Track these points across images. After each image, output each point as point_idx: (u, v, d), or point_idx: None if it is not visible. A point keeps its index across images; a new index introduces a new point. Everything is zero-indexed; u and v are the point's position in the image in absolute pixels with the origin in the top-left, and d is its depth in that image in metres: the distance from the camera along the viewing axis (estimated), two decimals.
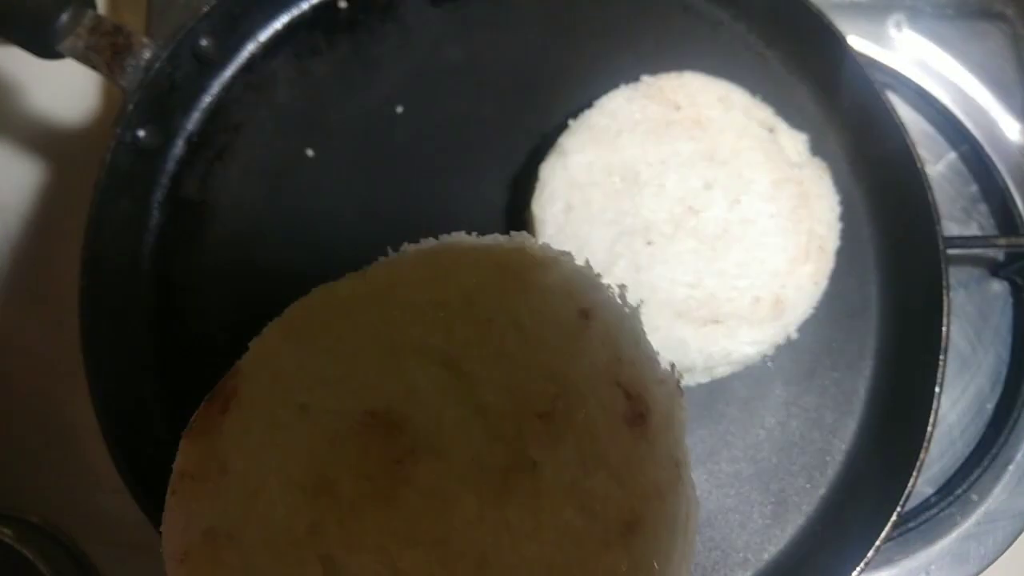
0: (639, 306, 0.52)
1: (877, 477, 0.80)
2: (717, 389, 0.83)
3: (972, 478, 0.91)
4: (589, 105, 0.84)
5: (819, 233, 0.80)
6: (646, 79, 0.85)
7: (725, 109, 0.84)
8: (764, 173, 0.81)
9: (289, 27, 0.92)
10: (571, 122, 0.84)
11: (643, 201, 0.79)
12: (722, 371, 0.81)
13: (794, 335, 0.80)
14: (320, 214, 0.87)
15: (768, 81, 0.91)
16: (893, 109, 0.84)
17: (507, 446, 0.47)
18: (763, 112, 0.85)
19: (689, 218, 0.79)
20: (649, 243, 0.78)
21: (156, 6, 1.02)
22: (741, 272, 0.78)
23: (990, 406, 0.95)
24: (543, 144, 0.85)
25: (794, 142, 0.84)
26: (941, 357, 0.78)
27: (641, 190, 0.80)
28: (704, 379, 0.81)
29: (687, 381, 0.81)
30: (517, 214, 0.86)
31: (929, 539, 0.90)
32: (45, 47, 0.82)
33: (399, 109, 0.90)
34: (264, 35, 0.92)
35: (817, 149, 0.86)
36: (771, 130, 0.84)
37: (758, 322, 0.77)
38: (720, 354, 0.76)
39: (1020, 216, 0.99)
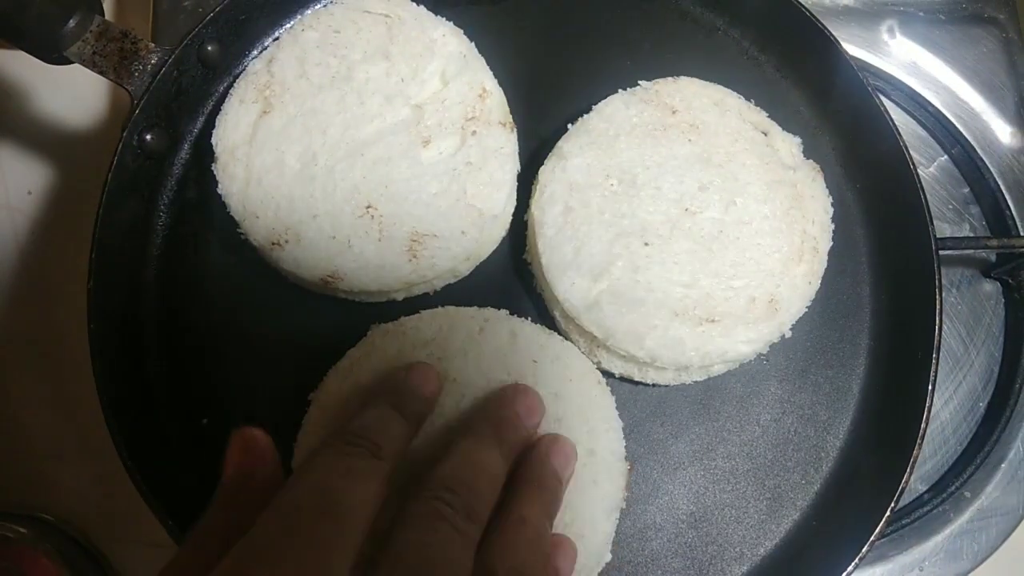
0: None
1: (871, 474, 0.81)
2: (713, 387, 0.84)
3: (965, 476, 0.92)
4: (587, 110, 0.86)
5: (812, 234, 0.82)
6: (643, 84, 0.86)
7: (720, 113, 0.85)
8: (758, 175, 0.82)
9: None
10: (570, 126, 0.85)
11: (640, 203, 0.81)
12: (718, 369, 0.82)
13: (788, 334, 0.81)
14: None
15: (762, 85, 0.93)
16: (886, 112, 0.85)
17: None
18: (757, 116, 0.87)
19: (685, 220, 0.80)
20: (646, 244, 0.79)
21: (162, 12, 1.03)
22: (736, 272, 0.79)
23: (982, 404, 0.96)
24: (542, 148, 0.87)
25: (788, 145, 0.86)
26: (934, 356, 0.79)
27: (638, 192, 0.81)
28: (700, 377, 0.83)
29: (684, 379, 0.82)
30: (517, 216, 0.87)
31: (923, 536, 0.92)
32: (53, 52, 0.83)
33: None
34: (269, 40, 0.93)
35: (811, 152, 0.87)
36: (765, 133, 0.86)
37: (753, 321, 0.78)
38: (716, 353, 0.78)
39: (1012, 217, 1.00)
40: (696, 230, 0.80)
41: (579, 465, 0.73)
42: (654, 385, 0.83)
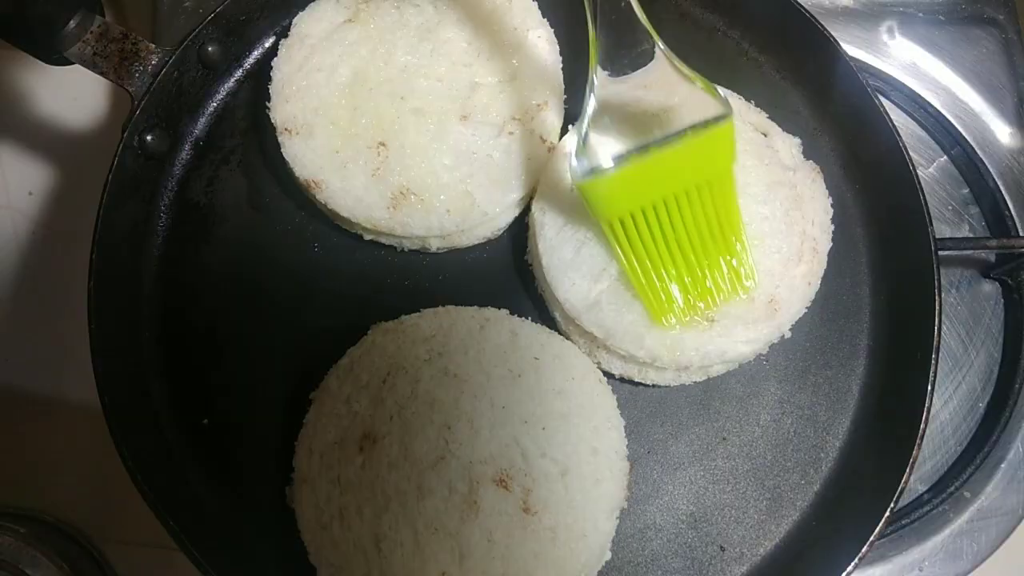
0: None
1: (870, 474, 0.81)
2: (713, 387, 0.84)
3: (965, 476, 0.92)
4: None
5: (812, 235, 0.82)
6: None
7: None
8: (757, 176, 0.82)
9: None
10: (571, 127, 0.85)
11: None
12: (718, 370, 0.82)
13: (788, 334, 0.81)
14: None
15: (762, 86, 0.93)
16: (885, 113, 0.85)
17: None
18: (757, 117, 0.87)
19: None
20: None
21: (162, 13, 1.03)
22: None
23: (982, 405, 0.96)
24: None
25: (788, 146, 0.86)
26: (933, 356, 0.79)
27: None
28: (700, 377, 0.83)
29: (684, 380, 0.82)
30: (519, 216, 0.87)
31: (922, 536, 0.92)
32: (53, 53, 0.83)
33: None
34: (268, 41, 0.93)
35: (811, 152, 0.87)
36: (765, 134, 0.86)
37: (753, 321, 0.78)
38: (716, 352, 0.78)
39: (1011, 218, 1.00)
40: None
41: (583, 464, 0.73)
42: (654, 385, 0.83)
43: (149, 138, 0.84)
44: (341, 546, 0.72)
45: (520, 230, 0.87)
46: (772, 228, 0.81)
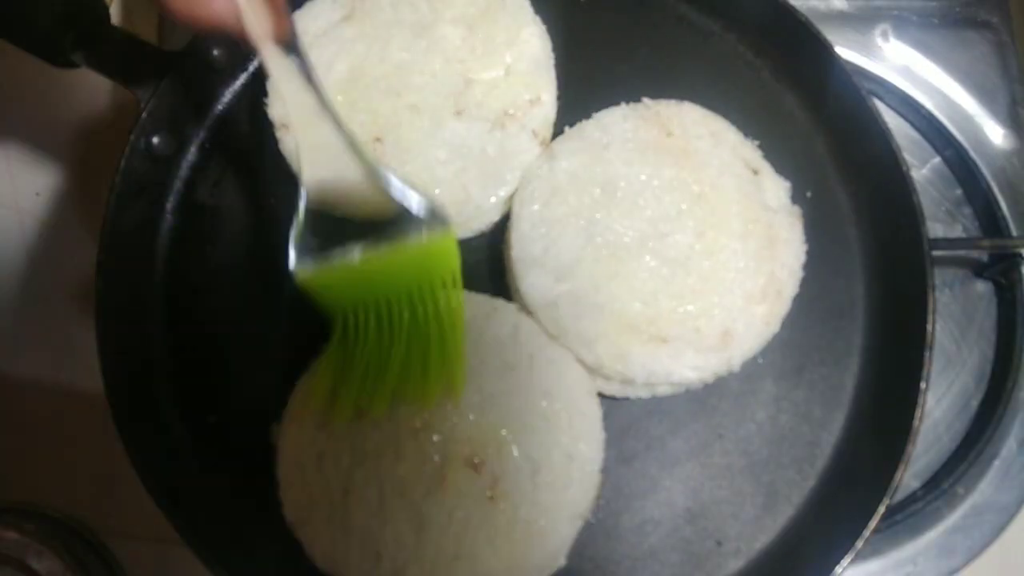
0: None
1: (865, 470, 0.82)
2: (711, 385, 0.85)
3: (958, 472, 0.93)
4: (587, 115, 0.87)
5: (779, 277, 0.81)
6: (646, 101, 0.87)
7: (714, 144, 0.85)
8: (737, 211, 0.82)
9: None
10: (567, 128, 0.86)
11: (616, 215, 0.81)
12: (663, 390, 0.82)
13: (736, 369, 0.81)
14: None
15: (757, 89, 0.94)
16: (879, 115, 0.86)
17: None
18: (752, 153, 0.86)
19: (655, 239, 0.80)
20: (614, 255, 0.80)
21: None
22: (696, 299, 0.79)
23: (975, 402, 0.97)
24: None
25: (776, 187, 0.85)
26: (926, 354, 0.80)
27: (617, 204, 0.82)
28: (644, 394, 0.83)
29: (628, 394, 0.83)
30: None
31: (916, 531, 0.93)
32: (60, 56, 0.85)
33: None
34: None
35: (805, 154, 0.89)
36: (756, 172, 0.85)
37: (703, 350, 0.78)
38: (662, 372, 0.78)
39: (1004, 218, 1.01)
40: (663, 251, 0.80)
41: (555, 467, 0.75)
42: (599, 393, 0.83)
43: (156, 140, 0.86)
44: (311, 486, 0.75)
45: (503, 221, 0.87)
46: (740, 264, 0.81)
